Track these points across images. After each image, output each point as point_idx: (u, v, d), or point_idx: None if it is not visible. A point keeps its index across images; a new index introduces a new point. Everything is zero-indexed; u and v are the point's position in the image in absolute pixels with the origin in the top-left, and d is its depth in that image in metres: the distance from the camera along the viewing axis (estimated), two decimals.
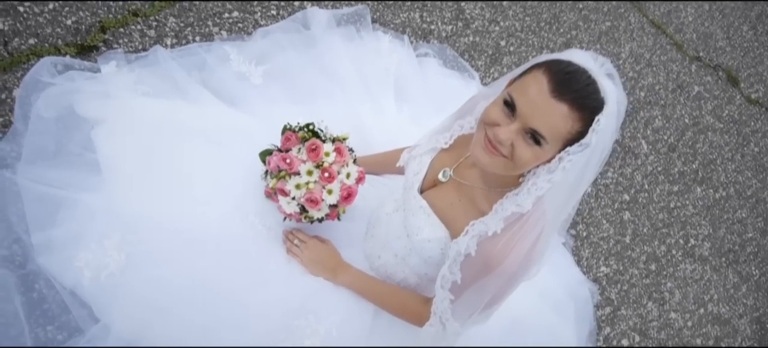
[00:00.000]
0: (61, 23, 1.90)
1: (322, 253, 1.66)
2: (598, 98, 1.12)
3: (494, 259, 1.23)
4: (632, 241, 2.78)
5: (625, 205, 2.84)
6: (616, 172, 2.89)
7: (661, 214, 2.94)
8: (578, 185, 1.20)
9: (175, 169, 1.71)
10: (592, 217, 2.71)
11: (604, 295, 2.60)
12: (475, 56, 2.66)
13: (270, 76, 2.02)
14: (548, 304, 2.18)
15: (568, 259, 2.47)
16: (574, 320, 2.28)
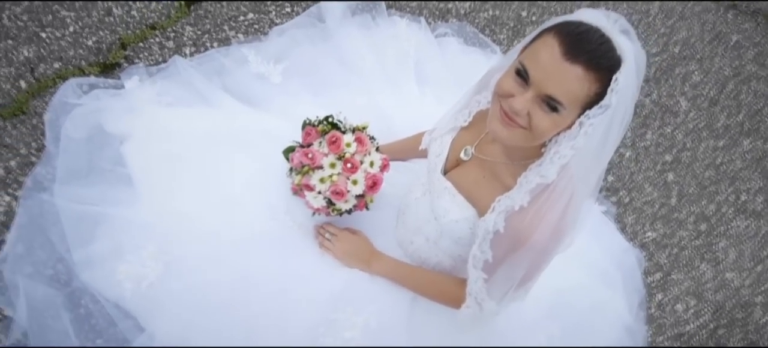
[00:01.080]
0: (82, 44, 1.95)
1: (355, 244, 1.65)
2: (613, 56, 1.07)
3: (523, 233, 1.20)
4: (678, 202, 2.67)
5: (668, 166, 2.73)
6: (655, 133, 2.79)
7: (708, 171, 2.81)
8: (603, 149, 1.15)
9: (204, 175, 1.73)
10: (633, 181, 2.62)
11: (652, 260, 2.51)
12: (496, 30, 2.60)
13: (289, 73, 2.02)
14: (593, 275, 2.12)
15: (611, 228, 2.39)
16: (622, 290, 2.20)
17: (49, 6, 1.99)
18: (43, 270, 1.62)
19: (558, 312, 1.97)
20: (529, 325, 1.90)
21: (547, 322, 1.94)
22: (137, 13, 2.07)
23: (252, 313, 1.57)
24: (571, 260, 2.05)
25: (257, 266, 1.61)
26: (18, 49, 1.90)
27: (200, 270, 1.58)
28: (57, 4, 2.00)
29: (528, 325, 1.90)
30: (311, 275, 1.63)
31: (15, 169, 1.77)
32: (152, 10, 2.09)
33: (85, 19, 2.01)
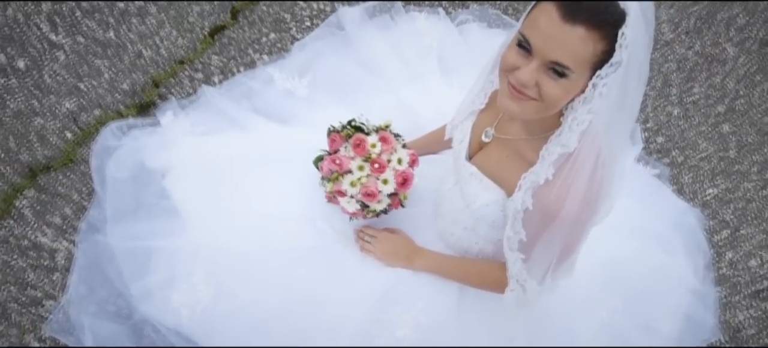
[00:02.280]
0: (118, 89, 2.05)
1: (395, 243, 1.65)
2: (616, 11, 1.02)
3: (552, 206, 1.16)
4: (738, 153, 2.53)
5: (722, 117, 2.60)
6: (702, 85, 2.65)
7: (767, 116, 2.66)
8: (621, 109, 1.10)
9: (243, 196, 1.77)
10: (685, 139, 2.50)
11: (717, 218, 2.39)
12: (520, 9, 2.55)
13: (314, 85, 2.04)
14: (649, 242, 2.03)
15: (665, 191, 2.29)
16: (684, 252, 2.10)
17: (85, 58, 2.10)
18: (105, 307, 1.71)
19: (616, 284, 1.91)
20: (587, 302, 1.85)
21: (606, 297, 1.88)
22: (165, 52, 2.15)
23: (304, 323, 1.60)
24: (622, 230, 2.00)
25: (303, 277, 1.64)
26: (60, 102, 2.02)
27: (249, 288, 1.63)
28: (90, 54, 2.11)
29: (585, 302, 1.84)
30: (356, 279, 1.65)
31: (70, 216, 1.87)
32: (179, 46, 2.17)
33: (118, 64, 2.11)
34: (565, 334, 1.77)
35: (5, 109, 1.98)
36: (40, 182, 1.91)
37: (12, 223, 1.85)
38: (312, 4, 2.33)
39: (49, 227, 1.85)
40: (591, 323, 1.82)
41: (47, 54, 2.08)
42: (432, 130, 1.78)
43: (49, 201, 1.89)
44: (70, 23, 2.15)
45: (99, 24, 2.16)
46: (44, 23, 2.14)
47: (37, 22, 2.14)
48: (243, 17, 2.27)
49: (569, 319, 1.78)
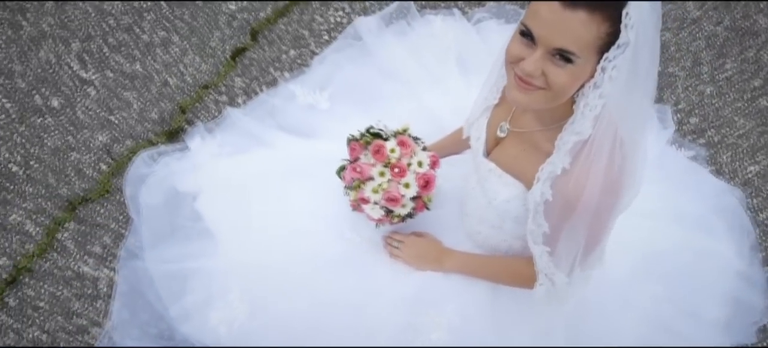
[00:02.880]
0: (147, 118, 2.11)
1: (423, 246, 1.66)
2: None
3: (572, 196, 1.15)
4: None
5: (759, 91, 2.50)
6: (735, 60, 2.57)
7: None
8: (634, 91, 1.07)
9: (271, 211, 1.80)
10: (720, 117, 2.42)
11: (760, 196, 2.30)
12: None
13: (335, 97, 2.07)
14: (689, 226, 1.97)
15: (702, 173, 2.22)
16: (727, 234, 2.03)
17: (114, 92, 2.18)
18: (148, 330, 1.76)
19: (657, 272, 1.86)
20: (626, 293, 1.80)
21: (646, 286, 1.83)
22: (190, 78, 2.21)
23: (338, 331, 1.62)
24: (658, 216, 1.95)
25: (334, 287, 1.66)
26: (94, 136, 2.09)
27: (282, 301, 1.65)
28: (120, 88, 2.18)
29: (624, 293, 1.80)
30: (387, 285, 1.65)
31: (110, 244, 1.94)
32: (203, 72, 2.23)
33: (146, 95, 2.18)
34: (606, 326, 1.74)
35: (43, 147, 2.07)
36: (80, 214, 1.98)
37: (56, 255, 1.92)
38: (329, 18, 2.36)
39: (90, 257, 1.92)
40: (632, 313, 1.78)
41: (79, 91, 2.17)
42: (452, 132, 1.78)
43: (89, 231, 1.96)
44: (99, 59, 2.23)
45: (126, 58, 2.24)
46: (74, 62, 2.23)
47: (67, 62, 2.23)
48: (262, 37, 2.32)
49: (609, 311, 1.74)
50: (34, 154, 2.07)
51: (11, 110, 2.14)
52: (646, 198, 1.96)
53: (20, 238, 1.95)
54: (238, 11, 2.38)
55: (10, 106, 2.15)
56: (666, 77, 2.46)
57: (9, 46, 2.27)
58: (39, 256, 1.92)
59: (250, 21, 2.35)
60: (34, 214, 1.98)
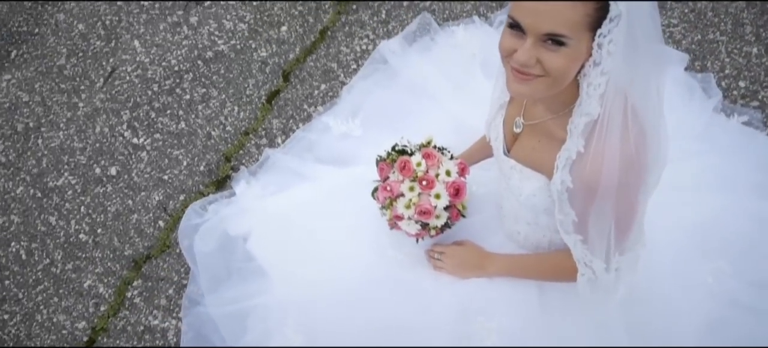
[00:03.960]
0: (195, 172, 2.23)
1: (464, 254, 1.66)
2: None
3: (590, 177, 1.13)
4: None
5: None
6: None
7: None
8: (635, 61, 1.05)
9: (317, 242, 1.86)
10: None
11: None
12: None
13: (367, 122, 2.12)
14: (745, 193, 1.88)
15: (757, 137, 2.11)
16: None
17: (163, 150, 2.32)
18: None
19: (714, 247, 1.78)
20: (685, 273, 1.74)
21: (707, 261, 1.76)
22: (231, 127, 2.33)
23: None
24: (709, 188, 1.88)
25: (383, 307, 1.69)
26: (150, 196, 2.23)
27: (335, 328, 1.70)
28: (168, 147, 2.32)
29: (683, 273, 1.74)
30: (434, 298, 1.66)
31: (173, 296, 2.05)
32: (242, 120, 2.34)
33: (193, 150, 2.30)
34: (668, 310, 1.67)
35: (106, 214, 2.23)
36: (144, 271, 2.11)
37: (127, 313, 2.05)
38: (355, 47, 2.43)
39: (157, 310, 2.04)
40: (695, 293, 1.71)
41: (133, 156, 2.32)
42: (480, 137, 1.78)
43: (154, 286, 2.08)
44: (147, 124, 2.39)
45: (171, 118, 2.39)
46: (126, 130, 2.39)
47: (120, 131, 2.39)
48: (294, 77, 2.41)
49: (668, 294, 1.68)
50: (99, 221, 2.22)
51: (76, 185, 2.32)
52: (694, 171, 1.92)
53: (95, 301, 2.09)
54: (268, 57, 2.49)
55: (75, 181, 2.32)
56: (707, 44, 2.36)
57: (68, 127, 2.46)
58: (112, 316, 2.06)
59: (280, 64, 2.45)
60: (105, 276, 2.12)
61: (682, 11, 2.43)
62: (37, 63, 2.74)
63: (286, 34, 2.52)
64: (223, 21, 2.61)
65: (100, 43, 2.71)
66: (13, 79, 2.74)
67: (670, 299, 1.68)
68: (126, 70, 2.58)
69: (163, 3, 2.76)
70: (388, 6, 2.53)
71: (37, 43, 2.82)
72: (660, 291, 1.67)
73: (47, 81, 2.66)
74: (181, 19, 2.66)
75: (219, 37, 2.57)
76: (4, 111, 2.63)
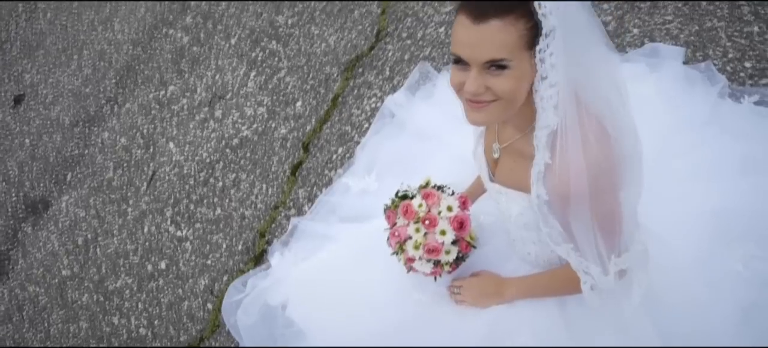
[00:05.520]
0: (235, 252, 2.39)
1: (481, 284, 1.71)
2: None
3: (561, 187, 1.17)
4: None
5: None
6: None
7: None
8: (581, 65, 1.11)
9: (350, 296, 1.95)
10: None
11: None
12: None
13: (382, 175, 2.23)
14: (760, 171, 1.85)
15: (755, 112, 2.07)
16: None
17: (204, 237, 2.50)
18: None
19: (737, 231, 1.75)
20: (712, 263, 1.71)
21: (734, 247, 1.73)
22: (262, 204, 2.49)
23: None
24: (722, 174, 1.86)
25: (414, 344, 1.75)
26: (197, 282, 2.40)
27: None
28: (208, 234, 2.50)
29: (709, 264, 1.71)
30: (459, 331, 1.71)
31: None
32: (271, 196, 2.50)
33: (230, 232, 2.47)
34: (696, 307, 1.65)
35: (160, 305, 2.40)
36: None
37: None
38: (365, 107, 2.57)
39: None
40: (723, 283, 1.68)
41: (178, 248, 2.51)
42: None
43: None
44: (188, 217, 2.58)
45: (208, 207, 2.58)
46: (170, 226, 2.60)
47: (165, 227, 2.60)
48: (313, 147, 2.56)
49: (694, 290, 1.66)
50: (155, 314, 2.40)
51: (132, 284, 2.52)
52: (709, 158, 1.91)
53: None
54: (288, 133, 2.66)
55: (131, 280, 2.53)
56: (706, 33, 2.36)
57: (121, 232, 2.69)
58: None
59: (300, 137, 2.62)
60: None
61: (675, 6, 2.45)
62: (90, 180, 3.02)
63: (301, 108, 2.70)
64: (244, 109, 2.83)
65: (141, 151, 2.97)
66: (71, 198, 3.02)
67: (697, 294, 1.65)
68: (165, 171, 2.81)
69: (192, 104, 3.01)
70: (391, 63, 2.67)
71: (88, 163, 3.11)
72: (685, 287, 1.65)
73: (99, 195, 2.92)
74: (207, 115, 2.90)
75: (242, 124, 2.78)
76: (66, 229, 2.90)
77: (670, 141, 1.91)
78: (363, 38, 2.79)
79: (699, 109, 2.03)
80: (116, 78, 3.53)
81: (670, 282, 1.62)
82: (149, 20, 3.74)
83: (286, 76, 2.85)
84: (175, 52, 3.41)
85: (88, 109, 3.48)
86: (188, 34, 3.44)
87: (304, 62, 2.86)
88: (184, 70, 3.25)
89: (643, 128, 1.70)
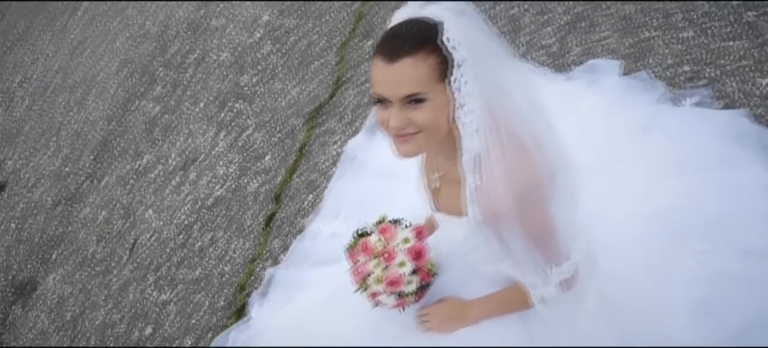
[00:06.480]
0: (218, 309, 2.45)
1: (446, 309, 1.77)
2: (427, 26, 1.17)
3: (491, 207, 1.25)
4: None
5: (741, 6, 2.44)
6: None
7: None
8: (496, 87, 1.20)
9: (326, 337, 2.00)
10: (711, 52, 2.38)
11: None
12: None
13: (349, 217, 2.30)
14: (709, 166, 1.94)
15: (709, 112, 2.17)
16: (752, 156, 1.96)
17: (187, 298, 2.56)
18: None
19: (689, 226, 1.82)
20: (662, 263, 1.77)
21: (683, 245, 1.80)
22: (239, 259, 2.56)
23: None
24: (667, 176, 1.95)
25: None
26: (183, 343, 2.45)
27: None
28: (191, 293, 2.56)
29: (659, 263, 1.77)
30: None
31: None
32: (247, 249, 2.57)
33: (211, 290, 2.54)
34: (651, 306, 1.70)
35: None
36: None
37: None
38: (330, 152, 2.67)
39: None
40: (677, 280, 1.75)
41: (162, 311, 2.57)
42: None
43: None
44: (170, 280, 2.65)
45: (188, 268, 2.64)
46: (153, 291, 2.66)
47: (148, 293, 2.67)
48: (284, 197, 2.65)
49: (648, 290, 1.73)
50: None
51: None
52: (650, 162, 2.00)
53: None
54: (259, 187, 2.75)
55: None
56: (643, 44, 2.48)
57: (107, 303, 2.75)
58: None
59: (271, 190, 2.71)
60: None
61: (610, 23, 2.58)
62: (74, 256, 3.09)
63: (270, 162, 2.79)
64: (217, 169, 2.92)
65: (121, 221, 3.05)
66: (57, 276, 3.08)
67: (650, 293, 1.72)
68: (145, 238, 2.89)
69: (166, 170, 3.10)
70: (351, 107, 2.78)
71: (71, 240, 3.18)
72: (638, 288, 1.72)
73: (84, 269, 2.98)
74: (182, 179, 2.99)
75: (215, 184, 2.87)
76: (54, 306, 2.96)
77: (611, 150, 2.01)
78: (323, 87, 2.91)
79: (638, 117, 2.13)
80: (93, 154, 3.63)
81: (621, 284, 1.68)
82: (121, 95, 3.86)
83: (253, 132, 2.96)
84: (147, 122, 3.52)
85: (68, 187, 3.57)
86: (159, 104, 3.56)
87: (269, 117, 2.97)
88: (158, 138, 3.36)
89: (584, 141, 1.81)
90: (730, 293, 1.71)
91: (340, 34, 3.18)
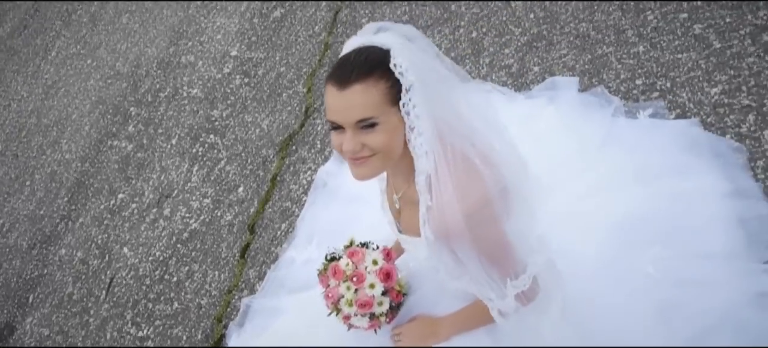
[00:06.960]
0: (195, 342, 2.47)
1: (417, 328, 1.82)
2: (376, 53, 1.23)
3: (442, 227, 1.29)
4: (722, 40, 2.45)
5: (688, 21, 2.56)
6: (655, 11, 2.66)
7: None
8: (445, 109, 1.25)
9: None
10: (662, 64, 2.49)
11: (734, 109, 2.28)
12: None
13: (321, 242, 2.35)
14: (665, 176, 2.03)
15: (663, 123, 2.25)
16: (705, 164, 2.05)
17: (165, 333, 2.57)
18: None
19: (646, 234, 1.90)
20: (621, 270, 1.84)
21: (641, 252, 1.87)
22: (216, 291, 2.58)
23: None
24: (620, 186, 2.03)
25: None
26: None
27: None
28: (168, 328, 2.57)
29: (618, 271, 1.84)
30: None
31: None
32: (224, 281, 2.59)
33: (189, 324, 2.55)
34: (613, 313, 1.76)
35: None
36: None
37: None
38: (302, 181, 2.72)
39: None
40: (635, 286, 1.81)
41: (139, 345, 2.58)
42: None
43: None
44: (147, 316, 2.66)
45: (165, 303, 2.66)
46: (131, 328, 2.66)
47: (126, 330, 2.67)
48: (258, 227, 2.69)
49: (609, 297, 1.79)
50: None
51: None
52: (606, 174, 2.08)
53: None
54: (234, 218, 2.78)
55: None
56: (598, 60, 2.58)
57: (85, 342, 2.74)
58: None
59: (245, 220, 2.74)
60: None
61: (567, 40, 2.69)
62: (51, 298, 3.07)
63: (244, 193, 2.83)
64: (191, 203, 2.95)
65: (97, 261, 3.05)
66: (34, 319, 3.06)
67: (613, 299, 1.78)
68: (122, 276, 2.89)
69: (141, 207, 3.12)
70: (321, 135, 2.84)
71: (48, 281, 3.17)
72: (601, 295, 1.78)
73: (61, 310, 2.97)
74: (156, 215, 3.01)
75: (190, 218, 2.90)
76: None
77: (569, 164, 2.09)
78: (293, 117, 2.96)
79: (595, 131, 2.22)
80: (68, 196, 3.63)
81: (584, 292, 1.73)
82: (94, 135, 3.88)
83: (226, 165, 3.00)
84: (121, 161, 3.54)
85: (43, 230, 3.55)
86: (132, 142, 3.59)
87: (241, 149, 3.01)
88: (131, 176, 3.38)
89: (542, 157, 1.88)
90: (689, 296, 1.77)
91: (308, 64, 3.25)
